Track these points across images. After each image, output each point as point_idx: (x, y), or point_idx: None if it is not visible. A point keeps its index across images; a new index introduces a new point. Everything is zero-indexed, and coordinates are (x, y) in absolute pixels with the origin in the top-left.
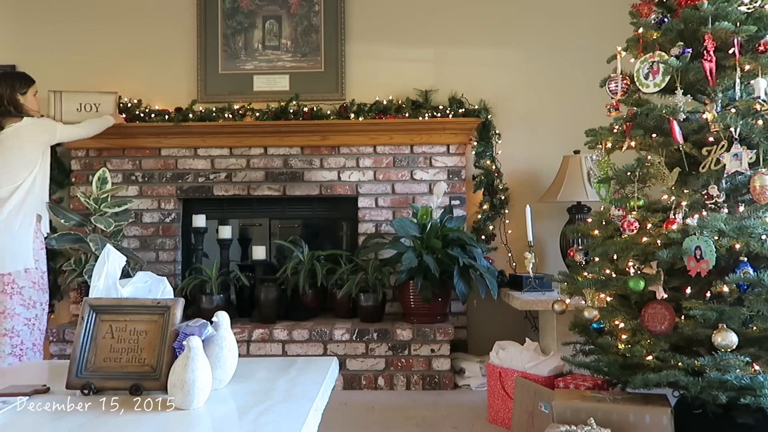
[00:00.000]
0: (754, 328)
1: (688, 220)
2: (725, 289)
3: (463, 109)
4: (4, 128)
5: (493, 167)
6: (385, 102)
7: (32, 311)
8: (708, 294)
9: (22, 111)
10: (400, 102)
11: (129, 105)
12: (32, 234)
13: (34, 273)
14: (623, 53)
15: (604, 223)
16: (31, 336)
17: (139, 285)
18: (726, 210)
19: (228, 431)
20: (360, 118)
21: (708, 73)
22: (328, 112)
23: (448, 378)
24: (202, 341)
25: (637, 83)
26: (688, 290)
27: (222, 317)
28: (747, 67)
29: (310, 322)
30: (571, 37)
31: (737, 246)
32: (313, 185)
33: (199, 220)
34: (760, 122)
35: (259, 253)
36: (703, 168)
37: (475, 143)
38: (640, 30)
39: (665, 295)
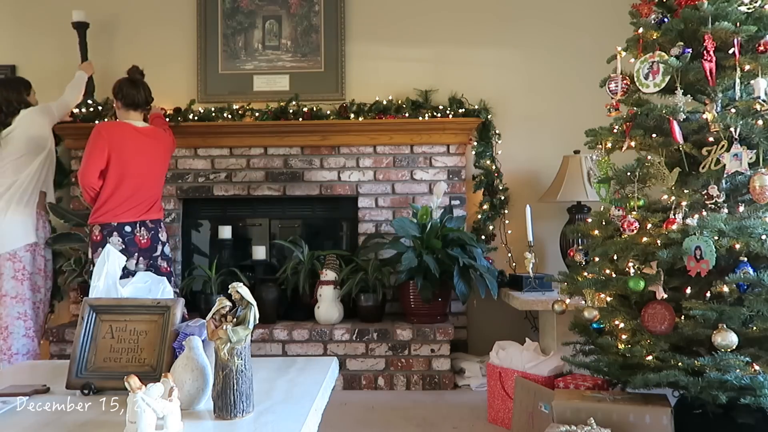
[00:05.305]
0: (754, 328)
1: (688, 220)
2: (725, 289)
3: (463, 109)
4: (11, 124)
5: (493, 167)
6: (385, 102)
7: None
8: (708, 294)
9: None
10: (400, 102)
11: None
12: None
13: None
14: (623, 53)
15: (604, 223)
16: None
17: (139, 285)
18: (726, 210)
19: (228, 431)
20: (360, 118)
21: (708, 73)
22: (328, 112)
23: (448, 378)
24: (202, 341)
25: (637, 83)
26: (688, 290)
27: None
28: (747, 67)
29: (310, 322)
30: (571, 37)
31: (737, 246)
32: (313, 185)
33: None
34: (760, 122)
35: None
36: (703, 168)
37: (475, 143)
38: (640, 30)
39: (665, 295)
